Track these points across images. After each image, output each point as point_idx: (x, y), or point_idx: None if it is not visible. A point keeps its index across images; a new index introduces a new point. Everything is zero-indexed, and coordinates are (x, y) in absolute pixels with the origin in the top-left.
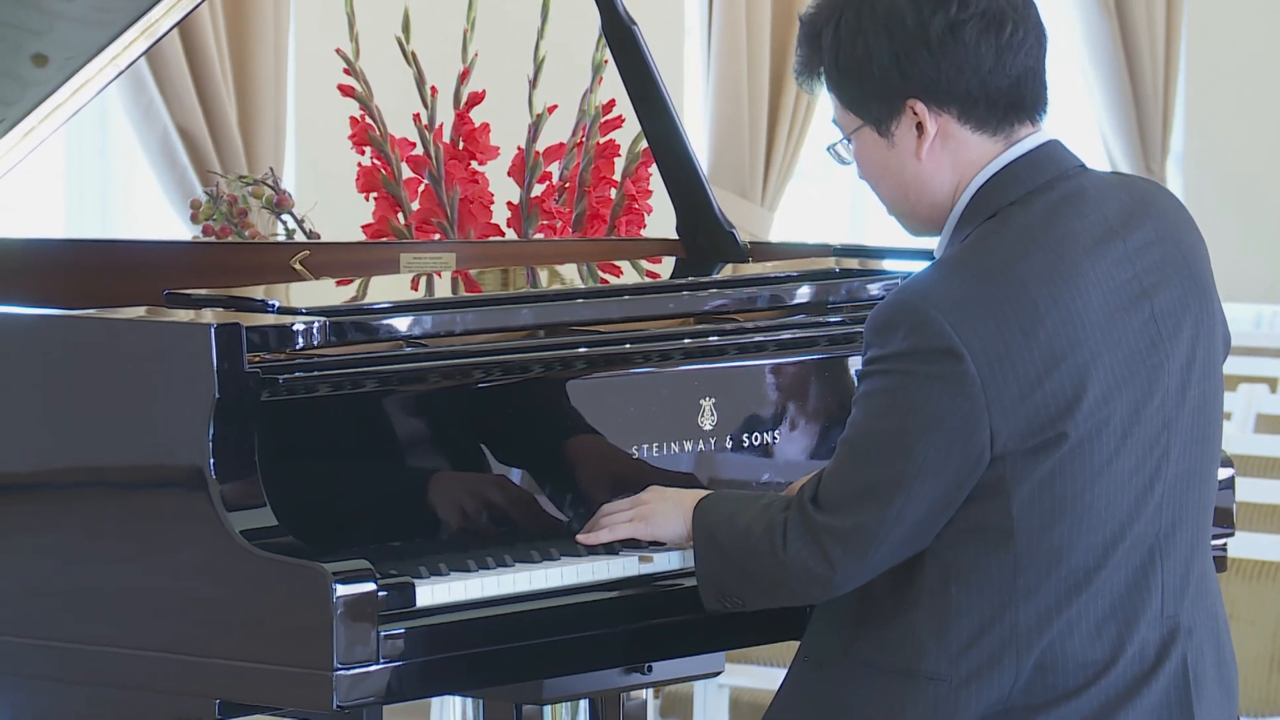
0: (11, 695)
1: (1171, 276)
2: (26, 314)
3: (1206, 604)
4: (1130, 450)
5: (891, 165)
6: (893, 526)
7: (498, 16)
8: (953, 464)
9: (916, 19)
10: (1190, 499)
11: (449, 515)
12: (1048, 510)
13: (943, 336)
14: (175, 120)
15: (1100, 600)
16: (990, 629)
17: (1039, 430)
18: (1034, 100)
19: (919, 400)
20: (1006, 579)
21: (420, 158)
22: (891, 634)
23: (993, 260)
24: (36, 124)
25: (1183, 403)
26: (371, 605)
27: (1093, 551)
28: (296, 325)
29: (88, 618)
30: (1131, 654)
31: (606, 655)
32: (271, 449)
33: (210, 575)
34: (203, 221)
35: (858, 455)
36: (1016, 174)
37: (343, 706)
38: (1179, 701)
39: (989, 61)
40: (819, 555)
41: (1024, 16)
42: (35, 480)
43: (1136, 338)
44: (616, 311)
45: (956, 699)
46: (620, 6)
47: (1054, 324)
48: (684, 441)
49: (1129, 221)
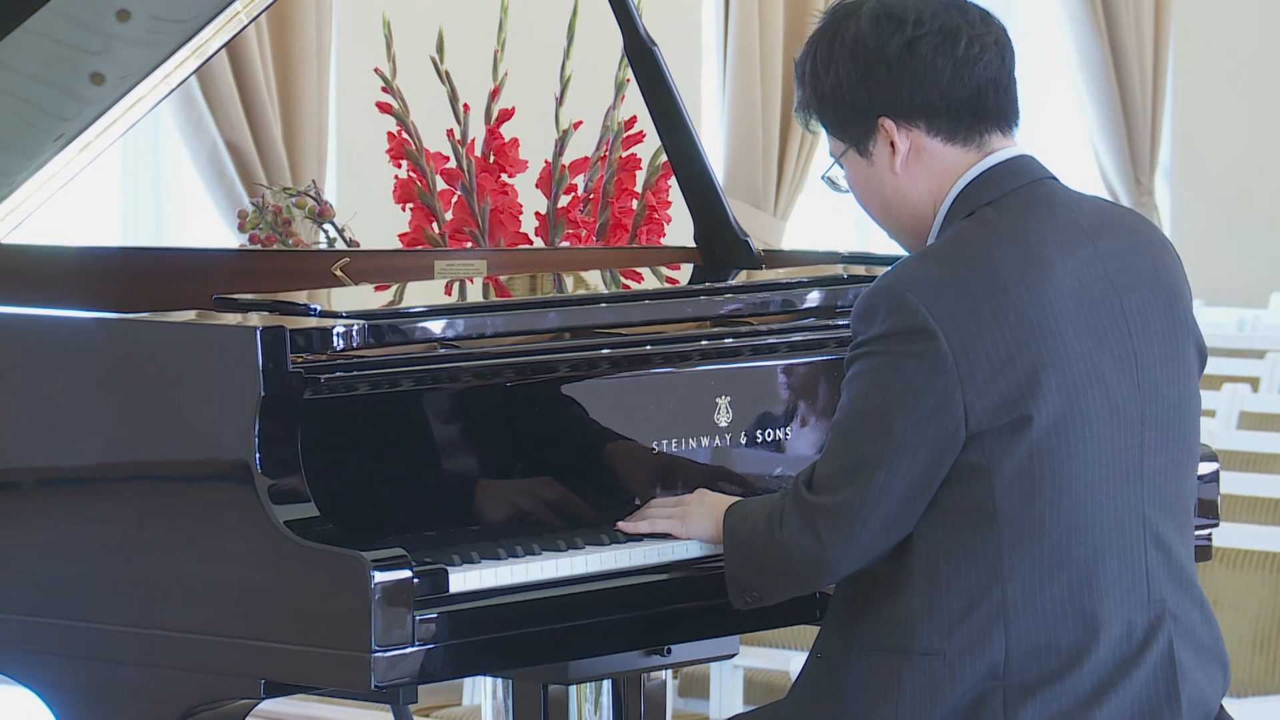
0: (71, 676)
1: (1141, 281)
2: (85, 317)
3: (1192, 593)
4: (1107, 438)
5: (874, 183)
6: (876, 502)
7: (526, 38)
8: (930, 440)
9: (877, 41)
10: (1170, 491)
11: (480, 506)
12: (1027, 490)
13: (918, 317)
14: (223, 135)
15: (1086, 581)
16: (979, 605)
17: (1010, 408)
18: (998, 110)
19: (897, 378)
20: (992, 557)
21: (453, 170)
22: (887, 615)
23: (966, 248)
24: (94, 138)
25: (1158, 399)
26: (407, 591)
27: (1075, 533)
28: (337, 328)
29: (142, 603)
30: (1119, 635)
31: (628, 638)
32: (314, 444)
33: (256, 563)
34: (249, 230)
35: (842, 435)
36: (991, 180)
37: (380, 686)
38: (1165, 683)
39: (946, 74)
40: (811, 534)
41: (980, 32)
42: (92, 474)
43: (1107, 330)
44: (638, 315)
45: (951, 673)
46: (642, 29)
47: (1023, 308)
48: (701, 437)
49: (1099, 228)
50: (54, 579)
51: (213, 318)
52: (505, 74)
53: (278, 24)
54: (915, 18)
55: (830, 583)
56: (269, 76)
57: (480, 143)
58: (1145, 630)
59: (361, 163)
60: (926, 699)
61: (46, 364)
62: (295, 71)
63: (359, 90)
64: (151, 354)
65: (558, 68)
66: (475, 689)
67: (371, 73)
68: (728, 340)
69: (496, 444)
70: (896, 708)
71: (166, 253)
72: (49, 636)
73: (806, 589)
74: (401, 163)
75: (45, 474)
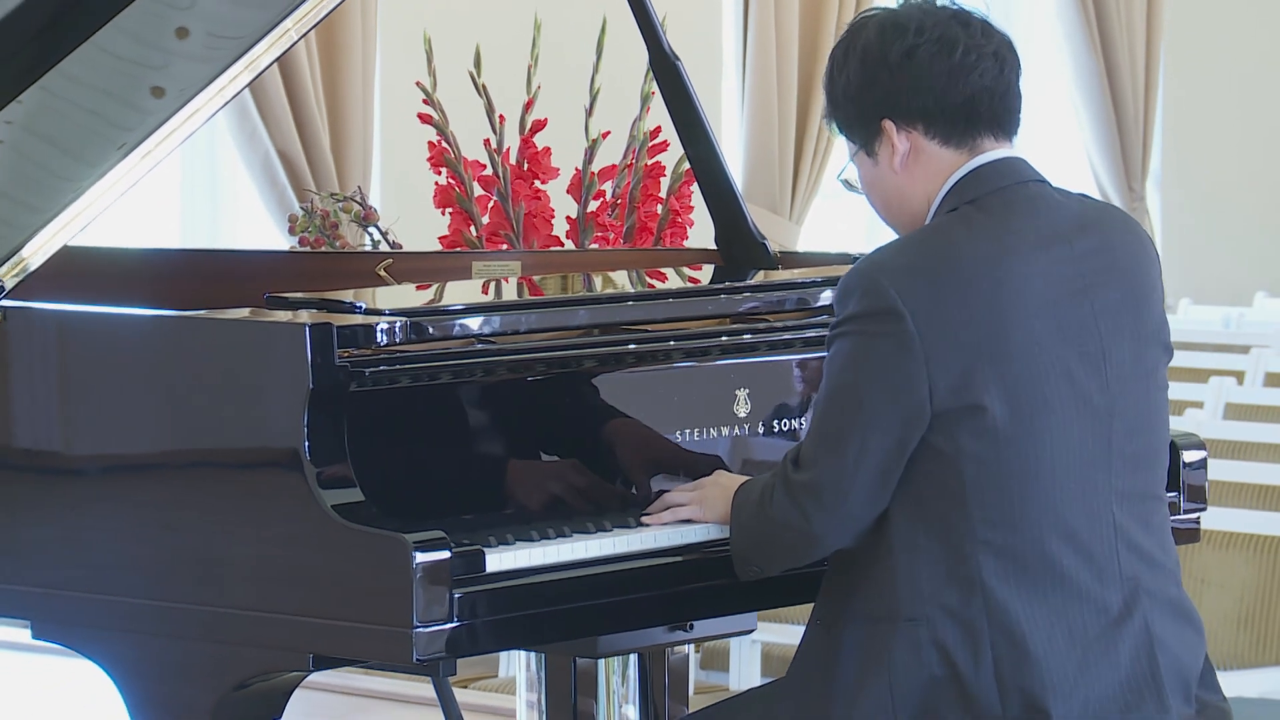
0: (133, 650)
1: (1114, 282)
2: (146, 315)
3: (1162, 571)
4: (1074, 426)
5: (878, 181)
6: (853, 474)
7: (558, 54)
8: (899, 415)
9: (880, 47)
10: (1139, 479)
11: (514, 491)
12: (995, 473)
13: (887, 298)
14: (275, 144)
15: (1058, 559)
16: (955, 574)
17: (967, 392)
18: (992, 116)
19: (868, 356)
20: (965, 531)
21: (490, 177)
22: (873, 586)
23: (940, 239)
24: (154, 147)
25: (1126, 393)
26: (446, 571)
27: (1045, 515)
28: (381, 324)
29: (198, 582)
30: (1094, 610)
31: (653, 615)
32: (359, 434)
33: (305, 545)
34: (299, 233)
35: (820, 412)
36: (978, 178)
37: (421, 660)
38: (1147, 659)
39: (942, 80)
40: (796, 509)
41: (977, 43)
42: (153, 461)
43: (1076, 327)
44: (662, 313)
45: (934, 637)
46: (666, 44)
47: (987, 300)
48: (721, 427)
49: (1078, 229)
50: (117, 559)
51: (265, 315)
52: (538, 87)
53: (326, 41)
54: (917, 27)
55: (820, 555)
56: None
57: (515, 151)
58: (1120, 607)
59: (404, 170)
60: (914, 663)
61: (111, 358)
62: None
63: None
64: (208, 349)
65: (587, 81)
66: (510, 662)
67: (413, 86)
68: (746, 336)
69: (529, 433)
70: (889, 675)
71: (222, 254)
72: (112, 613)
73: (799, 561)
74: (441, 170)
75: (110, 461)
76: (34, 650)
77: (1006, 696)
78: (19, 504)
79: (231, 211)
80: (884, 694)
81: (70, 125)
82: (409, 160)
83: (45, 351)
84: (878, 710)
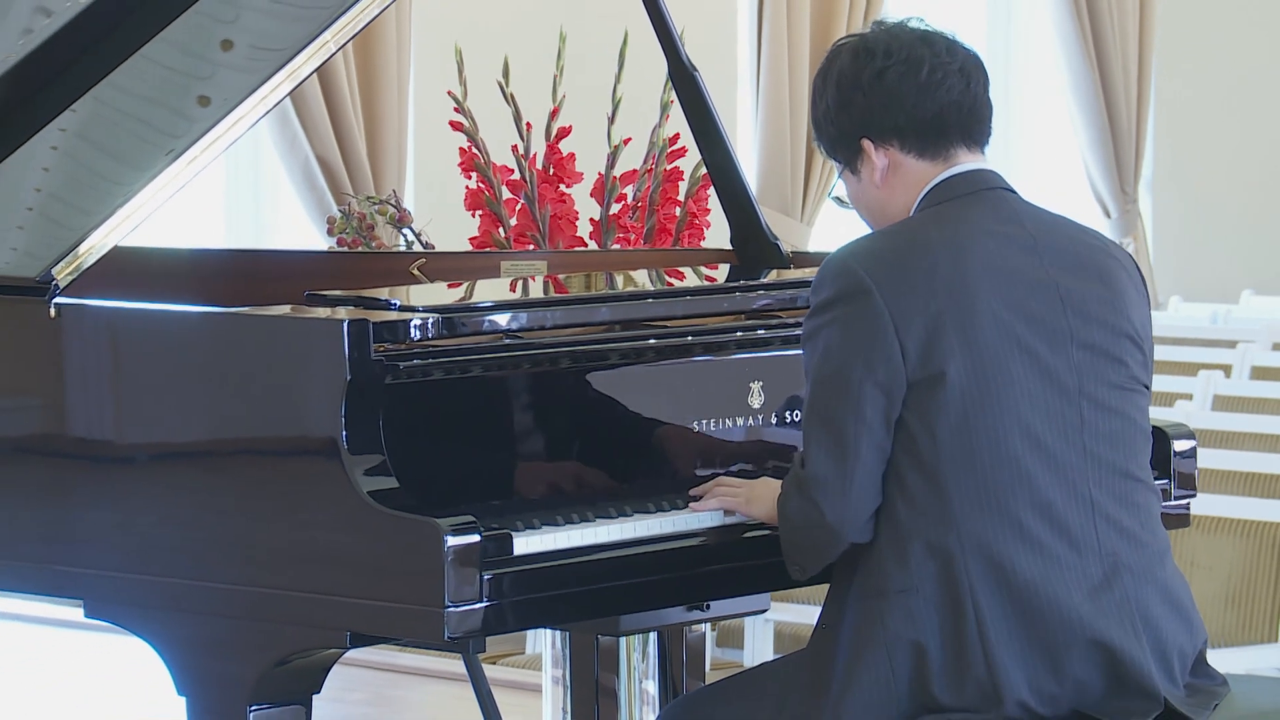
0: (180, 628)
1: (1082, 277)
2: (193, 311)
3: (1147, 552)
4: (1040, 400)
5: (862, 195)
6: (854, 455)
7: (582, 65)
8: (882, 386)
9: (853, 71)
10: (1115, 460)
11: (540, 478)
12: (964, 441)
13: (857, 279)
14: (315, 150)
15: (1034, 530)
16: (938, 546)
17: (939, 358)
18: (961, 128)
19: (846, 337)
20: (943, 503)
21: (517, 181)
22: (869, 564)
23: (907, 229)
24: (200, 153)
25: (1098, 376)
26: (476, 554)
27: (1017, 485)
28: (414, 320)
29: (243, 564)
30: (1075, 578)
31: (671, 595)
32: (394, 424)
33: (343, 529)
34: (337, 234)
35: (811, 403)
36: (948, 186)
37: (453, 637)
38: (1130, 622)
39: (912, 98)
40: (809, 504)
41: (943, 61)
42: (200, 449)
43: (1038, 307)
44: (680, 309)
45: (926, 606)
46: (684, 56)
47: (946, 275)
48: (736, 417)
49: (1044, 230)
50: (166, 542)
51: (305, 312)
52: (563, 96)
53: (363, 52)
54: (884, 50)
55: (842, 547)
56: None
57: (541, 157)
58: (1100, 579)
59: (436, 174)
60: (907, 632)
61: (160, 352)
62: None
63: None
64: (252, 344)
65: (610, 91)
66: (536, 640)
67: (445, 95)
68: (760, 331)
69: (555, 423)
70: (886, 646)
71: (264, 254)
72: (160, 593)
73: (827, 558)
74: (472, 174)
75: (158, 449)
76: (87, 628)
77: (991, 659)
78: (73, 490)
79: (273, 214)
80: (883, 664)
81: (121, 132)
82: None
83: (98, 346)
84: (877, 681)
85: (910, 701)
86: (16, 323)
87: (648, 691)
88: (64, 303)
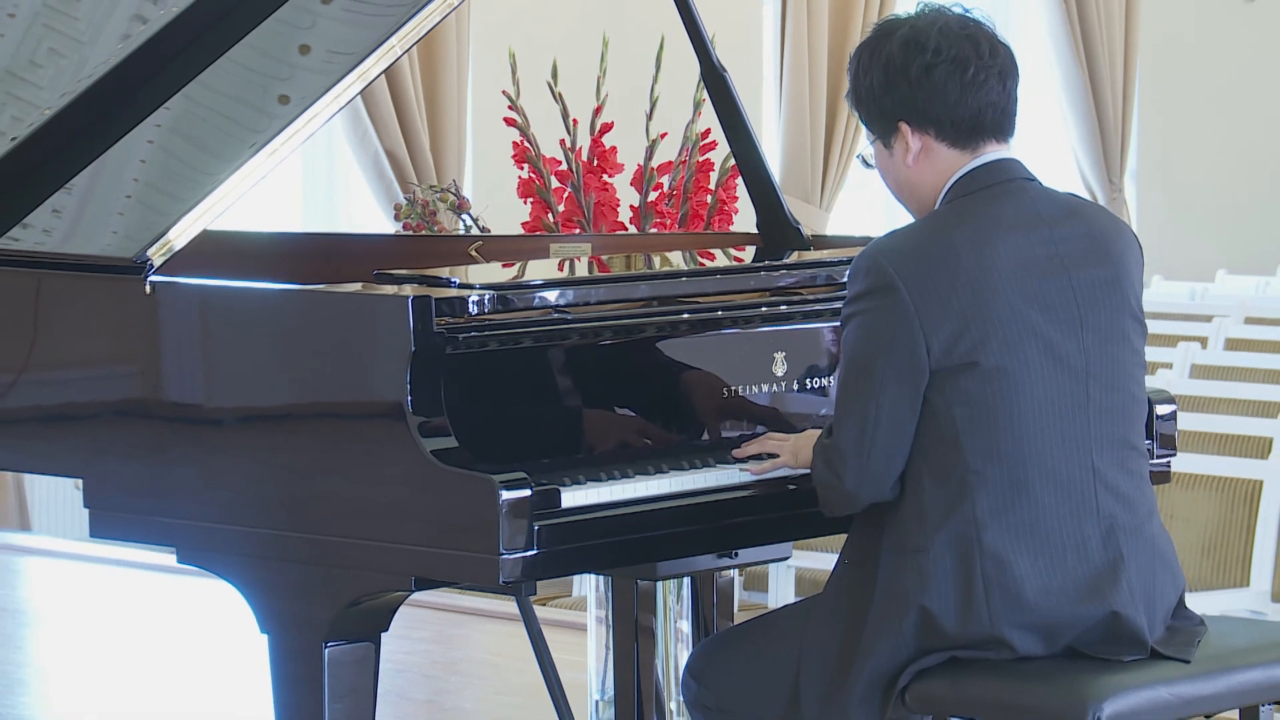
0: (261, 573)
1: (1092, 262)
2: (272, 288)
3: (1139, 511)
4: (1052, 383)
5: (892, 170)
6: (873, 433)
7: (623, 66)
8: (904, 374)
9: (902, 61)
10: (1114, 431)
11: (585, 438)
12: (984, 423)
13: (886, 276)
14: (383, 143)
15: (1040, 498)
16: (953, 513)
17: (956, 352)
18: (994, 125)
19: (873, 329)
20: (961, 474)
21: (565, 172)
22: (891, 522)
23: (933, 226)
24: (280, 146)
25: (1103, 356)
26: (527, 506)
27: (1030, 459)
28: (472, 297)
29: (318, 515)
30: (1074, 543)
31: (703, 544)
32: (453, 390)
33: (408, 485)
34: (403, 220)
35: (841, 384)
36: (975, 176)
37: (507, 581)
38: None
39: (954, 95)
40: (830, 471)
41: (987, 63)
42: (277, 412)
43: (1053, 297)
44: (711, 287)
45: (937, 566)
46: (715, 58)
47: (969, 272)
48: (761, 384)
49: (1060, 218)
50: (249, 496)
51: (374, 289)
52: (606, 95)
53: (426, 55)
54: (935, 46)
55: (861, 507)
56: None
57: (586, 150)
58: (1097, 541)
59: (492, 166)
60: (920, 589)
61: (244, 325)
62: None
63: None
64: (326, 318)
65: (648, 90)
66: (582, 584)
67: (500, 94)
68: (783, 307)
69: (598, 389)
70: (902, 601)
71: (337, 238)
72: (244, 541)
73: (848, 511)
74: (524, 165)
75: (242, 412)
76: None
77: (994, 612)
78: (167, 448)
79: (345, 201)
80: (895, 618)
81: (209, 128)
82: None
83: (189, 320)
84: (892, 631)
85: (918, 645)
86: (117, 299)
87: (682, 630)
88: (158, 280)
